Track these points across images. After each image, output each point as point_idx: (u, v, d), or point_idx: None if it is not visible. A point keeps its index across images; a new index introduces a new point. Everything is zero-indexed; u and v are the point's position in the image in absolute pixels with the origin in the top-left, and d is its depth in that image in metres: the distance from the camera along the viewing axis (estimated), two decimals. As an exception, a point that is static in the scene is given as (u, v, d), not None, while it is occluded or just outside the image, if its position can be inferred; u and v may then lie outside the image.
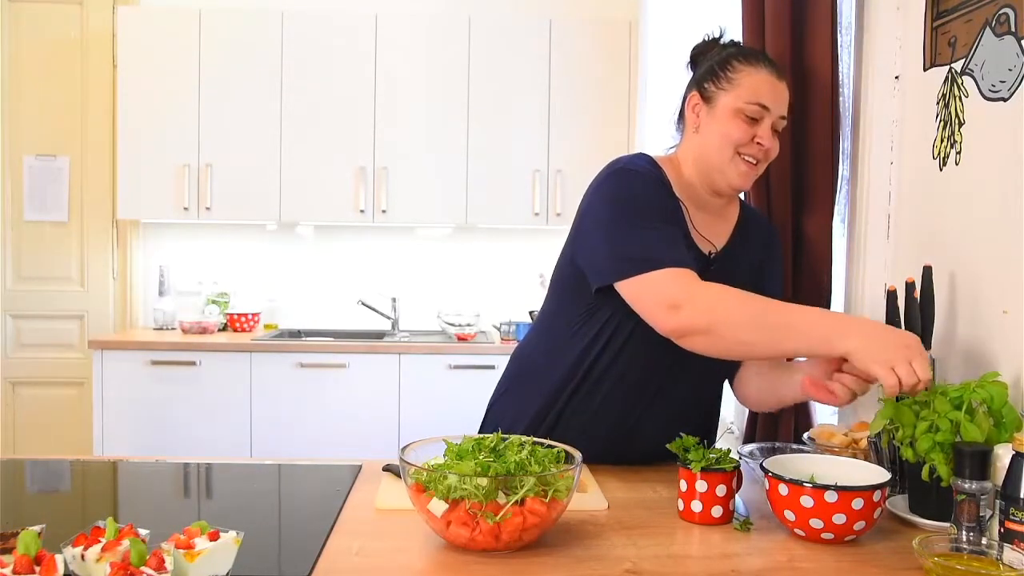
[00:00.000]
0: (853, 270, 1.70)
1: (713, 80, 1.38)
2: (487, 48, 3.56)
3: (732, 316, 1.21)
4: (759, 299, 1.24)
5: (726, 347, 1.24)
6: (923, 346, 1.14)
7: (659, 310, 1.25)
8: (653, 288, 1.25)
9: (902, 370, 1.10)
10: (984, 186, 1.27)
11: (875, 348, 1.12)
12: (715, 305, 1.22)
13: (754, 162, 1.37)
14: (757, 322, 1.20)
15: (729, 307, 1.22)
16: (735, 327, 1.21)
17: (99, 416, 3.26)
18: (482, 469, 1.01)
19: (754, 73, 1.35)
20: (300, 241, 3.90)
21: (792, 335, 1.19)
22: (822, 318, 1.22)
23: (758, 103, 1.34)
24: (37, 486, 1.39)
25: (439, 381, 3.33)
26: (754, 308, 1.22)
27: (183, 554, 0.83)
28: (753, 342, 1.22)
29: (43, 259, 3.80)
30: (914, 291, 1.32)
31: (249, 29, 3.51)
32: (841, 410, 1.74)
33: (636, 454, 1.44)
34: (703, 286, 1.24)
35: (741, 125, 1.34)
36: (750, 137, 1.35)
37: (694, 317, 1.21)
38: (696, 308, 1.22)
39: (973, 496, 1.00)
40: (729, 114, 1.35)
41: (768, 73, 1.36)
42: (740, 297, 1.23)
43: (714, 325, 1.21)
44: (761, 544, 1.07)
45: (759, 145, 1.35)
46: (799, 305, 1.23)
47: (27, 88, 3.76)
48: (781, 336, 1.20)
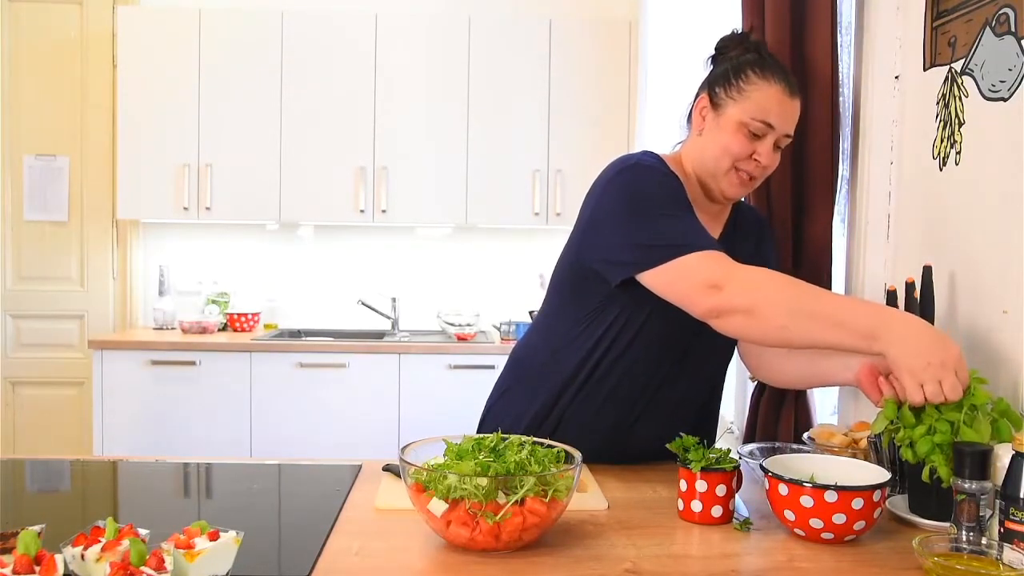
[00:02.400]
0: (853, 270, 1.70)
1: (725, 86, 1.36)
2: (487, 48, 3.56)
3: (775, 297, 1.18)
4: (804, 284, 1.20)
5: (763, 331, 1.20)
6: (963, 360, 1.09)
7: (698, 291, 1.22)
8: (689, 271, 1.23)
9: (930, 389, 1.07)
10: (984, 186, 1.27)
11: (912, 358, 1.08)
12: (759, 285, 1.19)
13: (749, 177, 1.36)
14: (800, 307, 1.16)
15: (773, 288, 1.19)
16: (777, 309, 1.17)
17: (99, 416, 3.26)
18: (482, 469, 1.01)
19: (765, 88, 1.33)
20: (300, 241, 3.90)
21: (833, 327, 1.14)
22: (868, 312, 1.15)
23: (763, 121, 1.32)
24: (37, 486, 1.39)
25: (439, 381, 3.33)
26: (797, 292, 1.18)
27: (183, 554, 0.83)
28: (792, 327, 1.16)
29: (43, 259, 3.80)
30: (914, 291, 1.32)
31: (249, 29, 3.51)
32: (841, 410, 1.75)
33: (635, 452, 1.44)
34: (743, 267, 1.22)
35: (742, 140, 1.33)
36: (749, 153, 1.34)
37: (736, 296, 1.18)
38: (739, 287, 1.19)
39: (973, 496, 1.00)
40: (733, 126, 1.34)
41: (780, 90, 1.33)
42: (784, 280, 1.20)
43: (757, 305, 1.18)
44: (761, 544, 1.07)
45: (756, 162, 1.34)
46: (845, 296, 1.18)
47: (27, 88, 3.76)
48: (822, 326, 1.15)
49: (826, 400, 1.87)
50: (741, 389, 2.21)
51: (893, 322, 1.12)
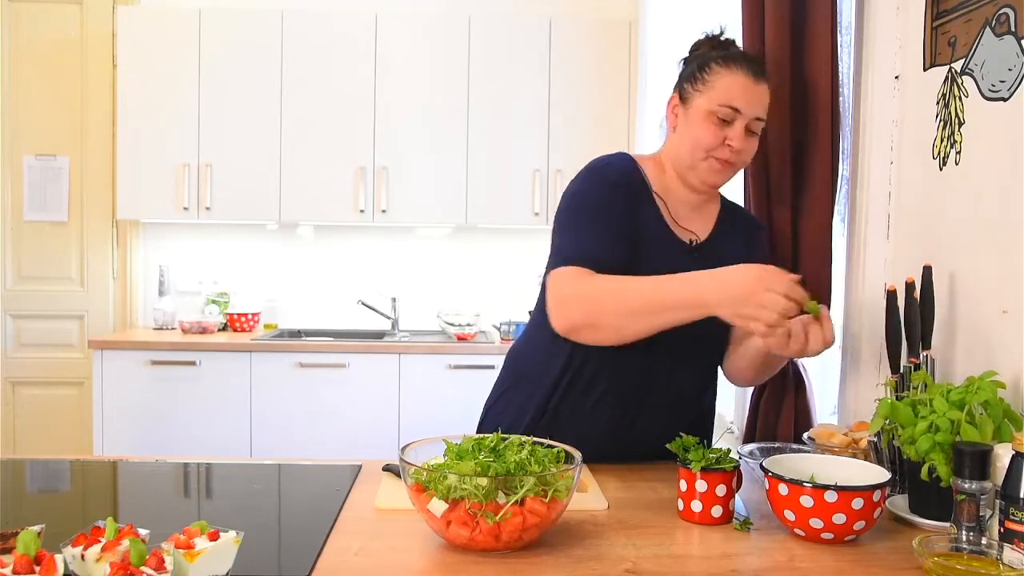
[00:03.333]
0: (853, 270, 1.70)
1: (691, 82, 1.41)
2: (487, 48, 3.56)
3: (605, 306, 1.27)
4: (626, 283, 1.26)
5: (609, 339, 1.29)
6: (775, 274, 1.15)
7: (554, 309, 1.32)
8: (553, 286, 1.34)
9: (760, 325, 1.14)
10: (984, 186, 1.27)
11: (734, 307, 1.16)
12: (592, 297, 1.28)
13: (726, 163, 1.39)
14: (627, 308, 1.25)
15: (602, 298, 1.27)
16: (610, 317, 1.26)
17: (99, 416, 3.26)
18: (482, 469, 1.01)
19: (728, 76, 1.37)
20: (300, 241, 3.90)
21: (662, 312, 1.23)
22: (682, 286, 1.23)
23: (729, 106, 1.35)
24: (37, 486, 1.39)
25: (439, 381, 3.33)
26: (622, 294, 1.26)
27: (183, 554, 0.83)
28: (629, 327, 1.26)
29: (43, 259, 3.80)
30: (914, 291, 1.32)
31: (249, 29, 3.51)
32: (841, 410, 1.75)
33: (636, 448, 1.44)
34: (584, 281, 1.29)
35: (711, 128, 1.37)
36: (720, 140, 1.37)
37: (575, 314, 1.28)
38: (576, 305, 1.28)
39: (973, 496, 1.00)
40: (701, 116, 1.38)
41: (744, 75, 1.37)
42: (611, 285, 1.27)
43: (593, 318, 1.27)
44: (761, 544, 1.07)
45: (729, 147, 1.37)
46: (665, 277, 1.24)
47: (27, 88, 3.76)
48: (652, 316, 1.24)
49: (826, 400, 1.87)
50: (741, 389, 2.21)
51: (705, 285, 1.20)
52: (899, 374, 1.34)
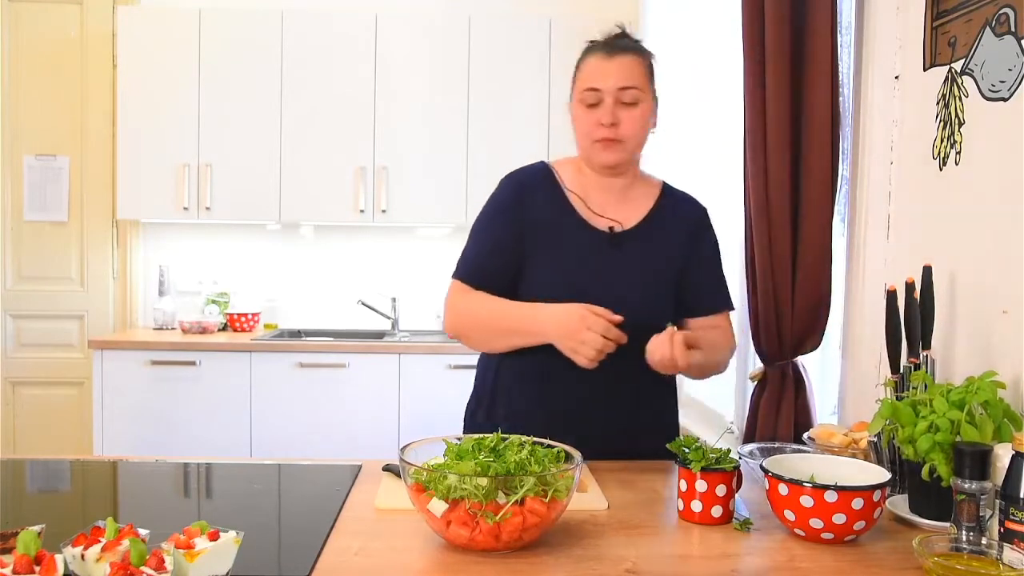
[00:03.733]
0: (853, 270, 1.70)
1: (572, 82, 1.51)
2: (487, 48, 3.56)
3: (468, 325, 1.47)
4: (487, 306, 1.44)
5: (480, 347, 1.52)
6: (595, 317, 1.30)
7: (444, 316, 1.50)
8: (446, 297, 1.51)
9: (581, 357, 1.30)
10: (984, 186, 1.27)
11: (559, 340, 1.34)
12: (461, 314, 1.47)
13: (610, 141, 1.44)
14: (487, 326, 1.45)
15: (466, 318, 1.47)
16: (476, 333, 1.47)
17: (99, 416, 3.26)
18: (482, 469, 1.01)
19: (584, 62, 1.47)
20: (300, 241, 3.90)
21: (511, 335, 1.42)
22: (525, 316, 1.40)
23: (588, 88, 1.44)
24: (37, 486, 1.39)
25: (439, 381, 3.33)
26: (482, 317, 1.46)
27: (183, 554, 0.83)
28: (493, 342, 1.47)
29: (43, 259, 3.80)
30: (914, 291, 1.32)
31: (249, 29, 3.50)
32: (841, 410, 1.75)
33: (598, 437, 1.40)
34: (459, 299, 1.47)
35: (583, 114, 1.45)
36: (595, 122, 1.44)
37: (451, 327, 1.49)
38: (451, 319, 1.48)
39: (973, 496, 1.00)
40: (575, 107, 1.48)
41: (598, 56, 1.45)
42: (475, 306, 1.45)
43: (461, 332, 1.48)
44: (761, 544, 1.07)
45: (603, 126, 1.42)
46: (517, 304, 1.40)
47: (27, 88, 3.76)
48: (505, 337, 1.43)
49: (826, 400, 1.87)
50: (741, 389, 2.21)
51: (540, 318, 1.38)
52: (899, 374, 1.34)
